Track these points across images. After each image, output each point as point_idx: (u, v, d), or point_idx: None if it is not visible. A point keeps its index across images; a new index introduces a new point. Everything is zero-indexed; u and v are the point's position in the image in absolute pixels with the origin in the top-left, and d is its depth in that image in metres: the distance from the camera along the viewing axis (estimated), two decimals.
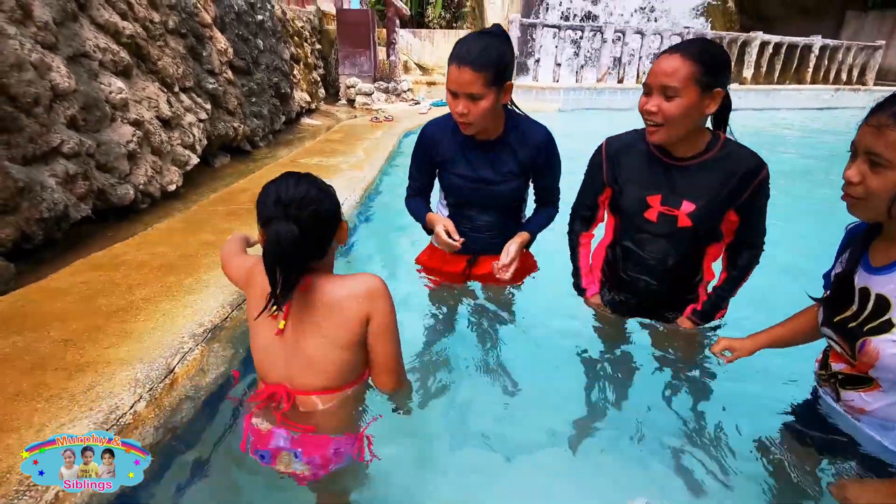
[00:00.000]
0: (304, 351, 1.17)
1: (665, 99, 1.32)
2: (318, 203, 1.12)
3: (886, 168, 1.01)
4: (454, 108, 1.53)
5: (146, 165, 2.83)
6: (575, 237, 1.77)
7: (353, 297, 1.16)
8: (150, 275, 1.88)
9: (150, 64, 3.06)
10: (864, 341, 1.11)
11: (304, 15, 7.27)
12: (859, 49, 12.36)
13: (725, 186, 1.39)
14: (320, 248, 1.17)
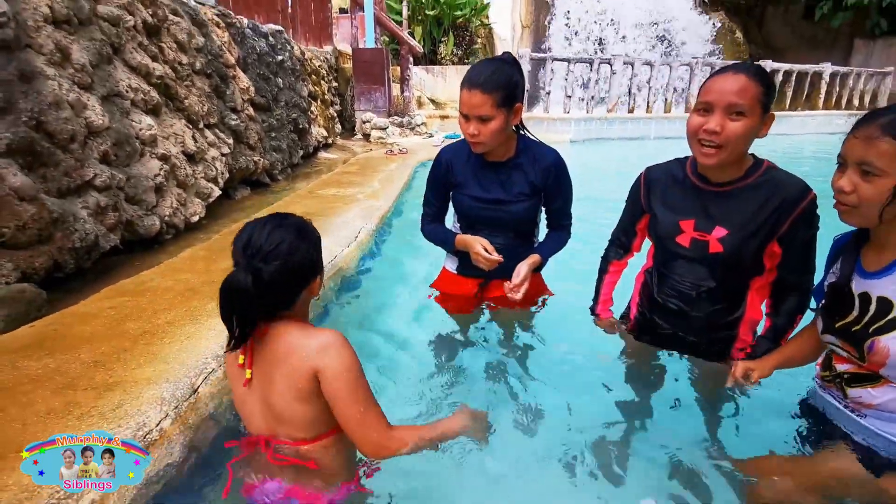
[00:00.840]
0: (271, 401, 1.11)
1: (730, 118, 1.28)
2: (287, 257, 1.06)
3: (878, 176, 1.06)
4: (466, 130, 1.59)
5: (172, 198, 2.94)
6: (606, 264, 1.78)
7: (300, 351, 1.08)
8: (175, 300, 1.94)
9: (178, 102, 3.22)
10: (873, 341, 1.14)
11: (321, 54, 7.58)
12: (869, 75, 12.41)
13: (762, 213, 1.35)
14: (284, 301, 1.11)
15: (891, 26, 14.43)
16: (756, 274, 1.47)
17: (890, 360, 1.11)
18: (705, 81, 1.34)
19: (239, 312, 1.04)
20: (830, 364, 1.27)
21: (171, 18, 3.29)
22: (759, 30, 16.53)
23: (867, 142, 1.07)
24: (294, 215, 1.16)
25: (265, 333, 1.11)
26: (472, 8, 10.56)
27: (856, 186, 1.09)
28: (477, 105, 1.53)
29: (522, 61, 9.30)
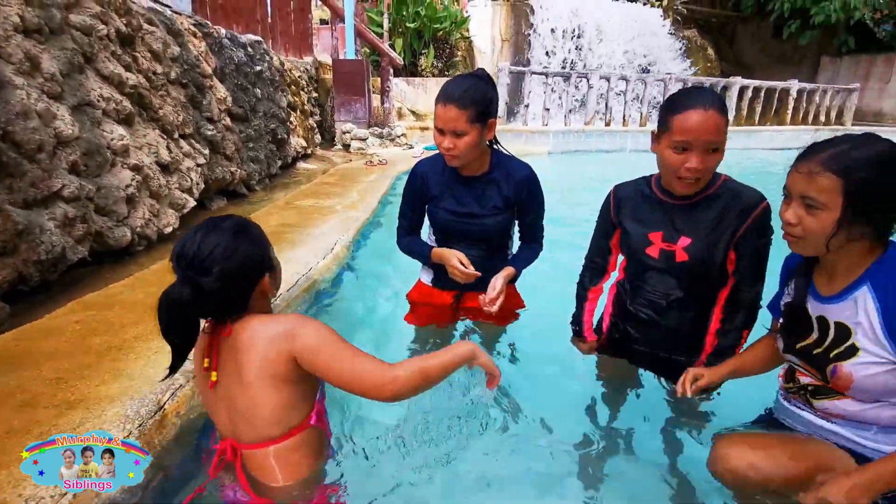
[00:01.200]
0: (236, 399, 1.09)
1: (708, 154, 1.35)
2: (223, 262, 1.01)
3: (821, 210, 1.09)
4: (441, 144, 1.63)
5: (144, 209, 2.90)
6: (584, 291, 1.80)
7: (266, 337, 1.06)
8: (144, 314, 1.90)
9: (152, 112, 3.18)
10: (835, 367, 1.16)
11: (301, 65, 7.57)
12: (835, 92, 12.88)
13: (722, 222, 1.43)
14: (234, 305, 1.08)
15: (857, 44, 15.05)
16: (722, 285, 1.53)
17: (854, 385, 1.13)
18: (675, 114, 1.35)
19: (178, 327, 1.01)
20: (794, 377, 1.29)
21: (146, 28, 3.26)
22: (731, 47, 17.08)
23: (808, 176, 1.09)
24: (232, 216, 1.12)
25: (229, 333, 1.08)
26: (452, 21, 10.67)
27: (800, 219, 1.12)
28: (452, 119, 1.56)
29: (501, 74, 9.42)
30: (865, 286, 1.13)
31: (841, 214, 1.06)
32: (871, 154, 1.05)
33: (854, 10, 13.18)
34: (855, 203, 1.05)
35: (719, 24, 16.73)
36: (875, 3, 13.34)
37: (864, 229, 1.09)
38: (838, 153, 1.07)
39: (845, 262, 1.15)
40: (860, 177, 1.04)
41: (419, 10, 10.15)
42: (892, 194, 1.07)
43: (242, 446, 1.12)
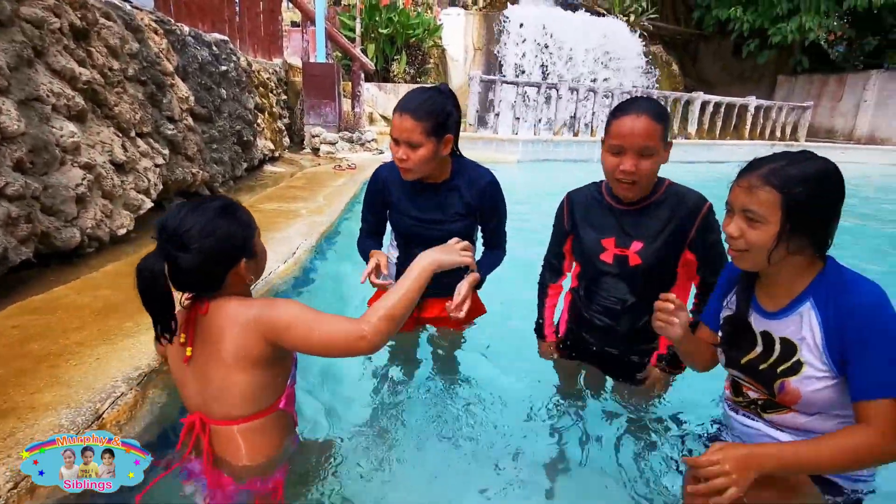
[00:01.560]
0: (209, 376, 1.12)
1: (642, 158, 1.39)
2: (201, 241, 1.03)
3: (761, 223, 1.11)
4: (395, 154, 1.61)
5: (96, 209, 2.78)
6: (544, 288, 1.85)
7: (240, 320, 1.09)
8: (89, 318, 1.82)
9: (107, 109, 3.07)
10: (783, 383, 1.17)
11: (270, 67, 7.45)
12: (790, 109, 13.48)
13: (670, 224, 1.49)
14: (207, 284, 1.11)
15: (811, 64, 15.81)
16: (672, 285, 1.59)
17: (801, 401, 1.15)
18: (612, 119, 1.43)
19: (151, 297, 1.03)
20: (741, 391, 1.30)
21: (103, 22, 3.15)
22: (693, 64, 17.70)
23: (749, 190, 1.12)
24: (221, 197, 1.15)
25: (206, 311, 1.11)
26: (425, 29, 10.72)
27: (743, 232, 1.14)
28: (407, 130, 1.54)
29: (472, 82, 9.51)
30: (808, 301, 1.15)
31: (780, 228, 1.09)
32: (808, 170, 1.09)
33: (809, 32, 13.85)
34: (793, 217, 1.08)
35: (683, 41, 17.32)
36: (829, 25, 14.06)
37: (802, 243, 1.11)
38: (777, 168, 1.10)
39: (786, 277, 1.17)
40: (798, 191, 1.07)
41: (392, 17, 10.16)
42: (827, 208, 1.10)
43: (210, 421, 1.15)
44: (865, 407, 1.05)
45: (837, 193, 1.11)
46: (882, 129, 14.65)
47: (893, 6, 12.95)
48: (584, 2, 14.16)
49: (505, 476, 1.52)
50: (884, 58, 14.65)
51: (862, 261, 4.22)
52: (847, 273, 1.14)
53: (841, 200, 1.13)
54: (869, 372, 1.05)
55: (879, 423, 1.03)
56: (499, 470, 1.54)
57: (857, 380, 1.07)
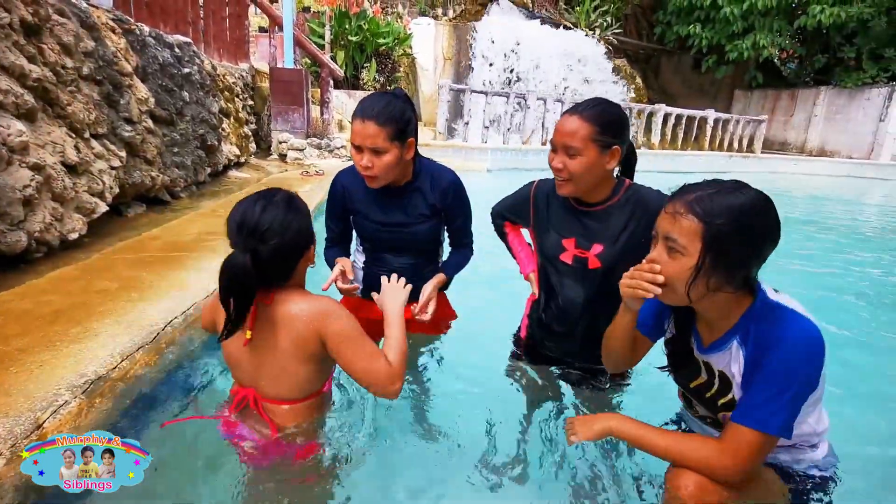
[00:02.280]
0: (267, 362, 1.22)
1: (568, 157, 1.42)
2: (281, 234, 1.13)
3: (681, 254, 1.03)
4: (359, 162, 1.57)
5: (45, 212, 2.65)
6: (501, 229, 1.87)
7: (303, 316, 1.18)
8: (33, 324, 1.72)
9: (59, 108, 2.94)
10: (723, 416, 1.15)
11: (236, 71, 7.32)
12: (746, 122, 14.06)
13: (630, 226, 1.48)
14: (282, 274, 1.20)
15: (765, 80, 16.56)
16: None
17: None
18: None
19: (236, 293, 1.09)
20: (692, 405, 1.29)
21: (56, 18, 3.02)
22: (656, 78, 18.30)
23: (673, 217, 1.04)
24: (281, 190, 1.22)
25: (271, 300, 1.19)
26: (394, 37, 10.75)
27: (662, 264, 1.07)
28: (371, 136, 1.51)
29: (442, 91, 9.56)
30: (736, 338, 1.10)
31: (698, 261, 1.02)
32: (735, 201, 1.00)
33: (763, 49, 14.52)
34: (713, 250, 1.00)
35: (646, 55, 17.91)
36: (781, 43, 14.77)
37: (722, 279, 1.03)
38: (703, 197, 1.02)
39: (716, 312, 1.11)
40: (720, 223, 0.99)
41: (361, 24, 10.15)
42: (750, 245, 1.02)
43: (264, 399, 1.26)
44: (733, 428, 1.05)
45: (764, 231, 1.02)
46: (831, 143, 15.43)
47: (840, 26, 13.72)
48: (552, 16, 14.50)
49: (474, 479, 1.50)
50: (832, 75, 15.47)
51: (811, 262, 4.40)
52: (778, 308, 1.06)
53: (768, 239, 1.03)
54: (751, 400, 1.04)
55: (733, 446, 1.03)
56: (468, 474, 1.52)
57: (741, 403, 1.06)
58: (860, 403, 2.08)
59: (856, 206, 9.09)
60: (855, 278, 4.14)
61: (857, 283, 4.00)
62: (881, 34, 13.88)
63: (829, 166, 13.84)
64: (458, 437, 1.65)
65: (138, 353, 1.60)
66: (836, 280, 4.04)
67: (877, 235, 6.39)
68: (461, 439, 1.64)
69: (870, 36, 14.08)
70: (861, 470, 1.46)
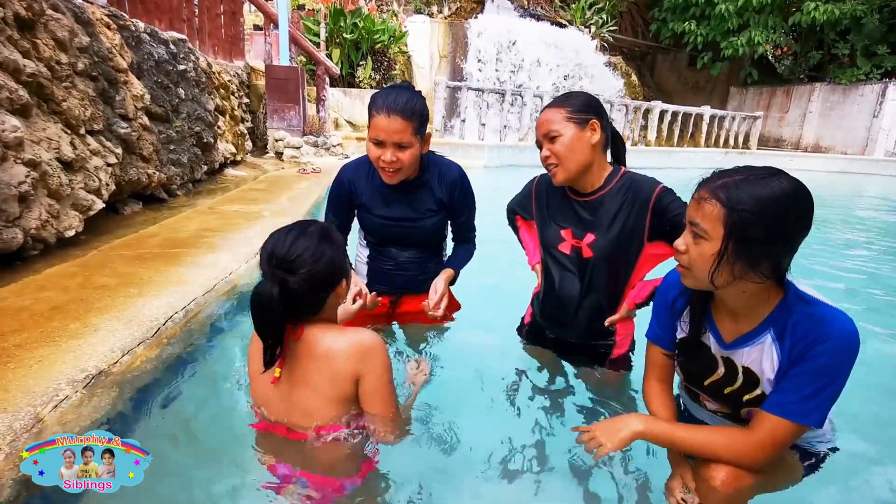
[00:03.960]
0: (298, 400, 1.17)
1: (551, 143, 1.46)
2: (312, 265, 1.09)
3: (705, 240, 1.03)
4: (381, 157, 1.53)
5: (41, 209, 2.62)
6: (513, 221, 1.89)
7: (342, 354, 1.13)
8: (30, 321, 1.70)
9: (54, 104, 2.91)
10: (750, 411, 1.13)
11: (231, 69, 7.27)
12: (742, 118, 14.11)
13: (622, 214, 1.48)
14: (313, 307, 1.15)
15: (761, 76, 16.61)
16: (627, 281, 1.56)
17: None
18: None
19: (266, 324, 1.07)
20: (698, 399, 1.27)
21: (50, 14, 2.99)
22: (651, 75, 18.34)
23: (699, 203, 1.04)
24: (317, 222, 1.20)
25: (300, 334, 1.15)
26: (390, 35, 10.71)
27: (687, 247, 1.06)
28: (397, 131, 1.48)
29: (438, 88, 9.54)
30: (769, 333, 1.08)
31: (721, 247, 1.00)
32: (764, 189, 0.98)
33: (758, 46, 14.56)
34: (735, 237, 0.99)
35: (641, 52, 17.93)
36: (776, 40, 14.82)
37: (747, 268, 1.01)
38: (730, 182, 1.01)
39: (744, 304, 1.09)
40: (744, 209, 0.98)
41: (357, 22, 10.11)
42: (777, 235, 0.99)
43: (293, 435, 1.20)
44: (771, 421, 1.04)
45: (794, 221, 0.99)
46: (826, 139, 15.50)
47: (834, 23, 13.77)
48: (547, 13, 14.49)
49: (488, 474, 1.49)
50: (826, 71, 15.53)
51: (808, 259, 4.42)
52: (815, 304, 1.04)
53: (799, 229, 1.00)
54: (794, 394, 1.02)
55: (771, 438, 1.04)
56: (477, 465, 1.51)
57: (776, 392, 1.06)
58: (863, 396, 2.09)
59: (850, 202, 9.14)
60: (851, 273, 4.16)
61: (853, 278, 4.01)
62: (874, 31, 13.95)
63: (823, 162, 13.90)
64: (464, 426, 1.64)
65: (139, 348, 1.59)
66: (832, 275, 4.06)
67: (871, 230, 6.42)
68: (467, 428, 1.63)
69: (863, 33, 14.14)
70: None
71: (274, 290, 1.04)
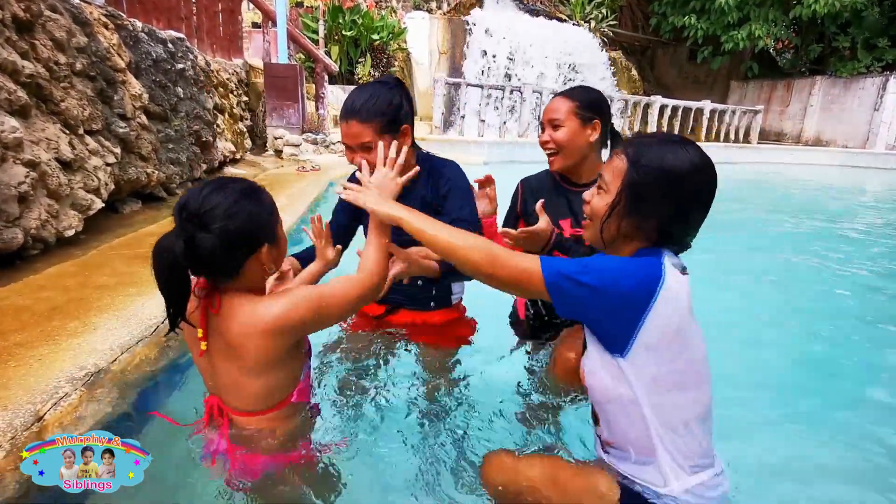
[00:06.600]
0: (222, 373, 1.13)
1: (553, 130, 1.56)
2: (227, 220, 0.98)
3: (604, 191, 1.07)
4: (353, 162, 1.49)
5: (40, 209, 2.64)
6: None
7: (260, 331, 1.05)
8: (31, 320, 1.72)
9: (53, 105, 2.92)
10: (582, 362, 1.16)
11: (230, 67, 7.28)
12: (742, 112, 14.07)
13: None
14: (226, 269, 1.04)
15: (761, 70, 16.56)
16: None
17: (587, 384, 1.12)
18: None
19: (166, 280, 0.98)
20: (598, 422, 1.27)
21: (48, 14, 3.00)
22: (651, 69, 18.28)
23: (611, 158, 1.09)
24: (244, 179, 1.10)
25: (217, 309, 1.07)
26: (389, 32, 10.70)
27: (591, 198, 1.11)
28: (356, 135, 1.43)
29: (438, 85, 9.54)
30: None
31: (614, 199, 1.04)
32: (669, 155, 1.01)
33: (758, 40, 14.51)
34: (629, 193, 1.02)
35: (641, 47, 17.88)
36: (776, 33, 14.76)
37: (634, 227, 1.04)
38: (641, 143, 1.05)
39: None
40: (643, 167, 1.01)
41: (356, 19, 10.10)
42: (667, 203, 1.01)
43: (227, 409, 1.17)
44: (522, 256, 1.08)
45: (690, 193, 1.01)
46: (827, 132, 15.46)
47: (835, 16, 13.72)
48: (546, 8, 14.45)
49: None
50: (827, 65, 15.48)
51: (799, 253, 4.42)
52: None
53: (694, 203, 1.02)
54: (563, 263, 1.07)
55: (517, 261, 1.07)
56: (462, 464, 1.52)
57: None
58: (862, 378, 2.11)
59: (851, 195, 9.13)
60: (846, 266, 4.17)
61: (848, 271, 4.02)
62: (874, 23, 13.89)
63: (824, 156, 13.88)
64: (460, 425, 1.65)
65: (138, 346, 1.60)
66: (829, 268, 4.06)
67: (870, 225, 6.42)
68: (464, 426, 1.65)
69: (864, 25, 14.08)
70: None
71: (178, 244, 0.94)
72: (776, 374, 2.32)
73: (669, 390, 1.03)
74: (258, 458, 1.18)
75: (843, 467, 1.68)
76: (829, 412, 2.00)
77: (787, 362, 2.45)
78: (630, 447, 1.08)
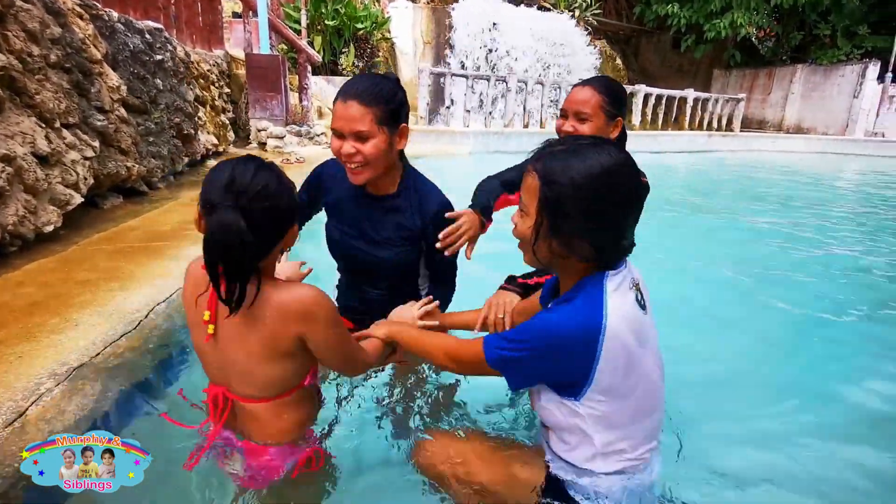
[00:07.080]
0: (233, 360, 1.08)
1: (579, 122, 1.54)
2: (275, 199, 0.97)
3: (525, 213, 1.01)
4: (340, 150, 1.35)
5: (17, 204, 2.59)
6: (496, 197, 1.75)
7: (282, 315, 1.03)
8: (9, 317, 1.70)
9: (27, 97, 2.85)
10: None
11: (210, 58, 7.15)
12: (725, 101, 14.20)
13: None
14: (265, 250, 1.02)
15: (743, 58, 16.70)
16: None
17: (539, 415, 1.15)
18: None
19: (233, 259, 0.93)
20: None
21: (20, 5, 2.92)
22: (636, 58, 18.36)
23: (525, 175, 1.01)
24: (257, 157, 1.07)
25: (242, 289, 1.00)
26: (372, 21, 10.58)
27: (516, 222, 1.05)
28: (353, 118, 1.29)
29: (422, 75, 9.48)
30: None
31: (536, 219, 0.98)
32: (578, 164, 0.94)
33: (740, 28, 14.62)
34: (548, 212, 0.96)
35: (625, 36, 17.92)
36: (758, 21, 14.89)
37: (565, 245, 0.98)
38: (546, 154, 0.98)
39: (570, 283, 1.05)
40: (554, 183, 0.94)
41: (338, 8, 9.97)
42: (586, 211, 0.94)
43: (234, 396, 1.14)
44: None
45: (609, 199, 0.94)
46: (807, 120, 15.69)
47: (815, 3, 13.86)
48: None
49: None
50: (807, 53, 15.66)
51: (783, 240, 4.51)
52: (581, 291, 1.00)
53: (616, 208, 0.96)
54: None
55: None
56: None
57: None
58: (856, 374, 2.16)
59: (830, 181, 9.29)
60: (830, 251, 4.25)
61: (833, 257, 4.10)
62: (854, 11, 14.06)
63: (805, 143, 14.09)
64: None
65: (121, 341, 1.59)
66: (819, 253, 4.15)
67: (850, 210, 6.55)
68: None
69: (843, 13, 14.25)
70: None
71: (237, 218, 0.91)
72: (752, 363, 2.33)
73: (623, 423, 1.05)
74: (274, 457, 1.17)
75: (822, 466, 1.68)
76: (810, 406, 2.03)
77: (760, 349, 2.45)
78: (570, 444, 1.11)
